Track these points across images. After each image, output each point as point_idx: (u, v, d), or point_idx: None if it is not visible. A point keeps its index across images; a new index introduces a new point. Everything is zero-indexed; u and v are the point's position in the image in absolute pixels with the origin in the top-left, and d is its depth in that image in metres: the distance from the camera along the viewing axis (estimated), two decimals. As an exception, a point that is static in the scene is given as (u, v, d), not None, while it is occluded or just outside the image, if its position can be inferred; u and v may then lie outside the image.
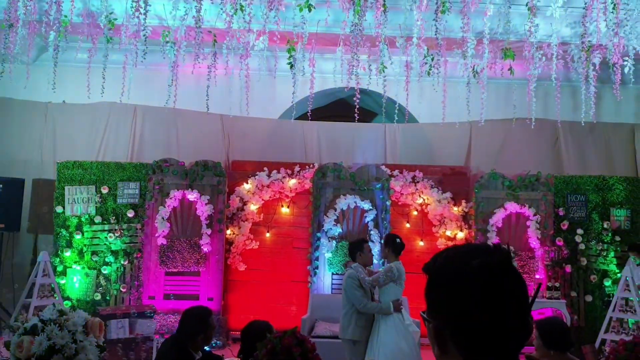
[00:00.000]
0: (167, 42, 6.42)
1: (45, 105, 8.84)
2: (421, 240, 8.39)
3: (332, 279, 8.11)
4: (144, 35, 5.77)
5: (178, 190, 8.11)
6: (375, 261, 7.20)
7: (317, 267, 8.10)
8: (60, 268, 7.89)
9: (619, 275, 7.74)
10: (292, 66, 6.36)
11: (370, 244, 8.06)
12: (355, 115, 6.82)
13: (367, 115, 11.29)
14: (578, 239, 8.14)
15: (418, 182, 8.47)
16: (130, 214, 8.11)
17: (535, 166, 8.40)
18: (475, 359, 1.15)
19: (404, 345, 4.80)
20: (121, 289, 8.01)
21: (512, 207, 8.13)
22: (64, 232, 8.02)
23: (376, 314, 5.19)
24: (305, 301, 8.26)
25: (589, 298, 8.10)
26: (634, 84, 8.89)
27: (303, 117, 10.44)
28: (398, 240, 5.48)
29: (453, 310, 1.17)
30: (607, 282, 8.06)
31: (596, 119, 7.40)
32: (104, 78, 6.90)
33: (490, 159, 8.89)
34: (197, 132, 9.02)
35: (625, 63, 6.32)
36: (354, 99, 6.66)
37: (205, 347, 3.64)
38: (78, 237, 7.99)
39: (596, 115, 7.31)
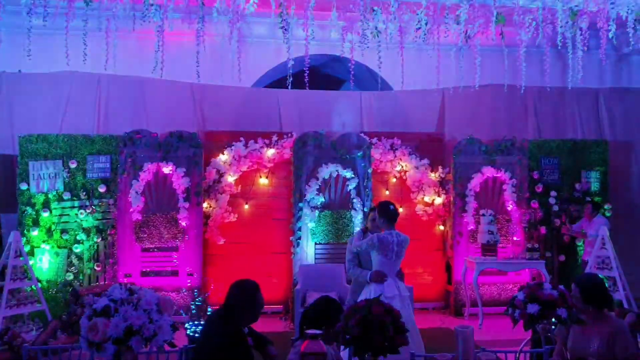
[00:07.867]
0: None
1: (-2, 75, 8.19)
2: (400, 206, 8.38)
3: (316, 248, 8.01)
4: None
5: (152, 162, 7.75)
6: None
7: (299, 238, 7.98)
8: (27, 248, 7.40)
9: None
10: (285, 30, 6.09)
11: (352, 212, 8.10)
12: (351, 80, 6.63)
13: (335, 84, 11.14)
14: (552, 200, 8.39)
15: (397, 149, 8.45)
16: (102, 189, 7.69)
17: (507, 131, 8.58)
18: None
19: None
20: (95, 268, 7.63)
21: (488, 171, 8.26)
22: (29, 210, 7.51)
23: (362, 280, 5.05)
24: (286, 272, 8.15)
25: (562, 258, 8.41)
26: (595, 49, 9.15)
27: (273, 85, 10.20)
28: (391, 207, 5.20)
29: None
30: (579, 243, 8.36)
31: (569, 85, 7.53)
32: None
33: (463, 125, 8.96)
34: (165, 101, 8.60)
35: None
36: (349, 64, 6.51)
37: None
38: (45, 214, 7.51)
39: (565, 81, 7.48)
